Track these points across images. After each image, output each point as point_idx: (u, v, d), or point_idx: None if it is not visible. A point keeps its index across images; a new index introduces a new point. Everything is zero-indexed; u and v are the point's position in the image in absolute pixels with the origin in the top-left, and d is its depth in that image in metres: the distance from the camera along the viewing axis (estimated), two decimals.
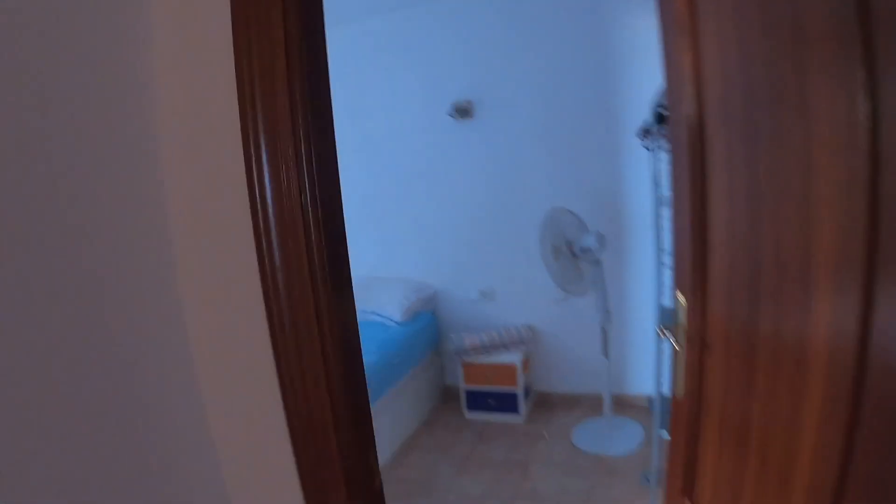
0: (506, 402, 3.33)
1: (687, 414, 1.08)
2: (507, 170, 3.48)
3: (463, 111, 3.43)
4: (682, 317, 1.07)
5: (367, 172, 3.81)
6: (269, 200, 0.98)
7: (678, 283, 1.10)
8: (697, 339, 1.03)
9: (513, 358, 3.31)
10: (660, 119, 2.39)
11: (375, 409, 2.94)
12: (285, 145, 0.96)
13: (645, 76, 3.04)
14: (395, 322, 3.43)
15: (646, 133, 2.77)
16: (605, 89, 3.22)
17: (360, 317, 3.58)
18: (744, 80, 0.82)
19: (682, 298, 1.07)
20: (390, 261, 3.87)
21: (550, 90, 3.32)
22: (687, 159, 0.98)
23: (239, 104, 0.97)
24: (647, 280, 3.17)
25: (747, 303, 0.88)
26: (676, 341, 1.10)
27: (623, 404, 3.33)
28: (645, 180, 3.04)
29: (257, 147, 0.97)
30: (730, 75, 0.86)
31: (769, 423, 0.83)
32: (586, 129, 3.29)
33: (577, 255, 3.01)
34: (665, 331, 1.18)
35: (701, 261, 1.00)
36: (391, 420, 3.12)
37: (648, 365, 3.16)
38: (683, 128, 0.98)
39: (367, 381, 1.17)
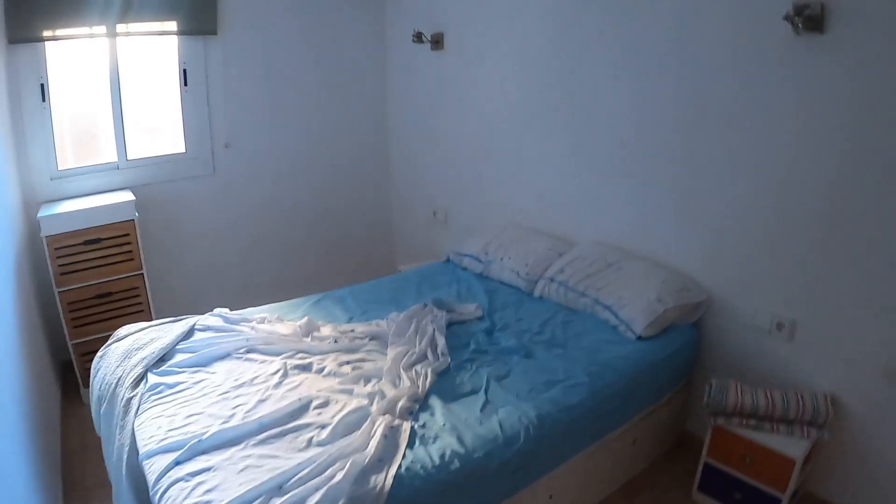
0: None
1: None
2: (877, 131, 1.94)
3: (810, 20, 1.97)
4: None
5: (633, 106, 2.68)
6: None
7: None
8: None
9: (795, 447, 2.03)
10: None
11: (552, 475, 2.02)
12: None
13: None
14: (635, 334, 2.37)
15: None
16: None
17: (581, 305, 2.41)
18: None
19: None
20: (646, 231, 2.75)
21: None
22: None
23: None
24: None
25: None
26: None
27: None
28: None
29: None
30: None
31: None
32: None
33: None
34: None
35: None
36: (578, 478, 2.17)
37: None
38: None
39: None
